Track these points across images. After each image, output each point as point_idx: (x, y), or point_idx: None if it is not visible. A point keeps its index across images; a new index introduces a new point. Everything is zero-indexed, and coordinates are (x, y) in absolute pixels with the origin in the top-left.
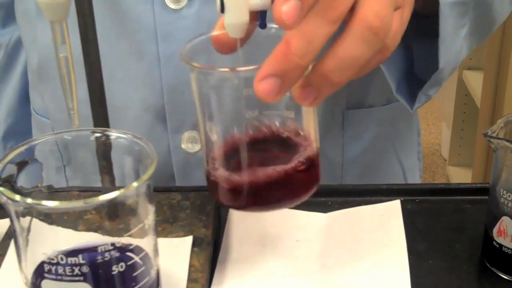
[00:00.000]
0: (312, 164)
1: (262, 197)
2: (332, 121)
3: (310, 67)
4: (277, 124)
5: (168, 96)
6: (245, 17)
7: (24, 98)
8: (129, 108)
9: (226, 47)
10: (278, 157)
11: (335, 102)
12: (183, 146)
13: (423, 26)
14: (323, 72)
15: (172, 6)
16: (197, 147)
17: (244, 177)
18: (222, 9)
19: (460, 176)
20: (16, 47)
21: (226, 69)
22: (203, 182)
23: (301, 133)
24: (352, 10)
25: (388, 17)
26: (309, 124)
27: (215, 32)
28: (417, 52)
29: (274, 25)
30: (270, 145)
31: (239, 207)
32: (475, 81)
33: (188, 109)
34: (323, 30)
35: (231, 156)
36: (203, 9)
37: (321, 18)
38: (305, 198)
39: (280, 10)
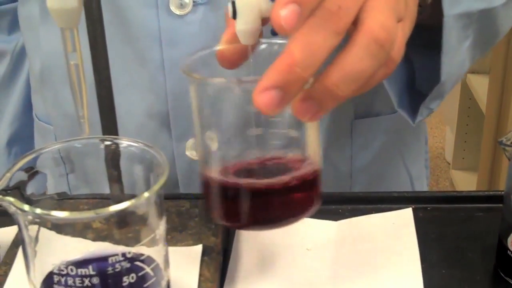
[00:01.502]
0: (313, 183)
1: (261, 216)
2: (340, 131)
3: (310, 81)
4: (279, 140)
5: (172, 103)
6: (257, 23)
7: (29, 104)
8: (133, 115)
9: (230, 62)
10: (279, 175)
11: (343, 112)
12: (187, 153)
13: (425, 38)
14: (327, 85)
15: (177, 12)
16: None
17: (243, 195)
18: (234, 15)
19: (464, 180)
20: (22, 53)
21: (226, 81)
22: None
23: (303, 150)
24: (355, 22)
25: (393, 29)
26: (312, 141)
27: (220, 46)
28: (418, 65)
29: (278, 41)
30: (271, 162)
31: (238, 226)
32: (479, 85)
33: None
34: (327, 42)
35: (229, 172)
36: (208, 15)
37: (325, 30)
38: (305, 217)
39: (279, 14)
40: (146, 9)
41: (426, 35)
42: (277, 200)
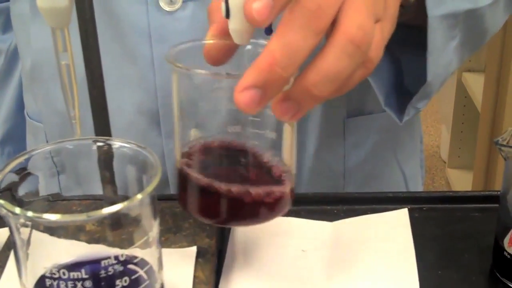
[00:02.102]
0: (285, 184)
1: (231, 214)
2: (333, 130)
3: (291, 81)
4: (257, 138)
5: (162, 100)
6: None
7: (22, 104)
8: (123, 112)
9: (215, 59)
10: (252, 173)
11: (335, 110)
12: None
13: (412, 38)
14: (305, 85)
15: (166, 8)
16: None
17: (215, 191)
18: (227, 15)
19: (460, 178)
20: (16, 52)
21: (208, 73)
22: None
23: (279, 151)
24: (333, 22)
25: (370, 30)
26: (287, 143)
27: (207, 41)
28: (406, 64)
29: (265, 42)
30: (246, 160)
31: (212, 222)
32: (475, 83)
33: None
34: (307, 42)
35: (204, 167)
36: (198, 11)
37: (305, 29)
38: (275, 218)
39: (251, 6)
40: (135, 5)
41: (414, 35)
42: (248, 200)
